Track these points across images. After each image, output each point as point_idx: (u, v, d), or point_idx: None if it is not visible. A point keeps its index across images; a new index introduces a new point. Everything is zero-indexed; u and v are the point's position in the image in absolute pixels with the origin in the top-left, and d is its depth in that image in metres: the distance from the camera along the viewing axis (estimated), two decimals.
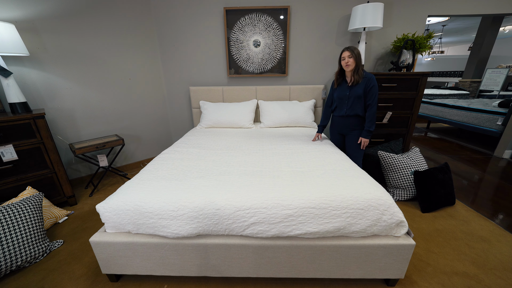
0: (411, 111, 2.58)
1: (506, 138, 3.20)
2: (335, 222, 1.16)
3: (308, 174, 1.43)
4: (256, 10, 2.65)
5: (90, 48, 2.39)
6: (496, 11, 2.63)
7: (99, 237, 1.24)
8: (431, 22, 6.31)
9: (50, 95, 2.24)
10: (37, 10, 2.04)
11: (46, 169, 1.96)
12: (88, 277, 1.40)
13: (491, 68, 5.48)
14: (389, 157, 2.15)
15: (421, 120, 5.96)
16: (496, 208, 2.08)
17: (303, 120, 2.70)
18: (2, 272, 1.35)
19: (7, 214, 1.42)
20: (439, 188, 1.97)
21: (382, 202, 1.17)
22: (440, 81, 9.49)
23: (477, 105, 4.08)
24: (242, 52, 2.84)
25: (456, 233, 1.74)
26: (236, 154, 1.83)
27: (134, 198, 1.22)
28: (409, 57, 2.52)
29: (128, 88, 2.74)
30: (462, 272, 1.40)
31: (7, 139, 1.75)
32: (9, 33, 1.71)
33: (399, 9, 2.64)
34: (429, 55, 10.96)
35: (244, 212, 1.16)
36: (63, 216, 1.96)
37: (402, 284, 1.33)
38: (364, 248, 1.19)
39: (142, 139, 3.03)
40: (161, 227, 1.19)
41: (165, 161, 1.69)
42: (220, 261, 1.26)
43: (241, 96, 2.93)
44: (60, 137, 2.35)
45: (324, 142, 2.11)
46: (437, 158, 3.29)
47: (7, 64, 1.93)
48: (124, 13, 2.53)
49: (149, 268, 1.29)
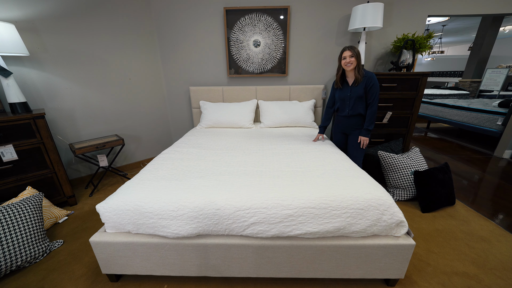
0: (411, 111, 2.58)
1: (506, 138, 3.20)
2: (335, 222, 1.16)
3: (308, 174, 1.43)
4: (256, 10, 2.65)
5: (90, 48, 2.39)
6: (496, 11, 2.63)
7: (99, 237, 1.24)
8: (431, 22, 6.31)
9: (50, 95, 2.24)
10: (37, 10, 2.04)
11: (46, 169, 1.96)
12: (88, 277, 1.40)
13: (491, 68, 5.48)
14: (389, 157, 2.15)
15: (421, 120, 5.96)
16: (496, 208, 2.08)
17: (303, 120, 2.70)
18: (2, 272, 1.35)
19: (7, 214, 1.42)
20: (439, 188, 1.97)
21: (382, 202, 1.17)
22: (440, 81, 9.49)
23: (477, 105, 4.08)
24: (242, 52, 2.84)
25: (456, 233, 1.74)
26: (236, 154, 1.83)
27: (134, 198, 1.22)
28: (409, 57, 2.52)
29: (128, 88, 2.74)
30: (462, 272, 1.40)
31: (7, 139, 1.75)
32: (9, 33, 1.71)
33: (399, 9, 2.64)
34: (429, 55, 10.96)
35: (244, 212, 1.16)
36: (63, 216, 1.96)
37: (402, 284, 1.33)
38: (364, 248, 1.19)
39: (142, 139, 3.03)
40: (161, 227, 1.19)
41: (165, 161, 1.69)
42: (220, 261, 1.26)
43: (241, 96, 2.93)
44: (60, 137, 2.35)
45: (324, 142, 2.11)
46: (437, 158, 3.29)
47: (7, 64, 1.93)
48: (124, 13, 2.53)
49: (149, 268, 1.29)
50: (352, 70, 1.83)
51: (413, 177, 2.05)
